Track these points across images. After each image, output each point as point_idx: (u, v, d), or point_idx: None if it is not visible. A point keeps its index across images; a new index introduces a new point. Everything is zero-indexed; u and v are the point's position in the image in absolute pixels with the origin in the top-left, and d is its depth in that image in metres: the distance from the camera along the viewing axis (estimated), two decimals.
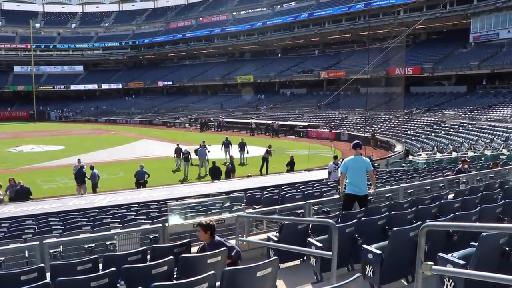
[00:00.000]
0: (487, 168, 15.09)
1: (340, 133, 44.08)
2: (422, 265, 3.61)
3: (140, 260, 5.48)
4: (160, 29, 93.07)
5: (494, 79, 46.31)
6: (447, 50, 52.06)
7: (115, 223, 9.72)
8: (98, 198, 16.32)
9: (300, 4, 73.24)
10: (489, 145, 27.51)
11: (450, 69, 48.59)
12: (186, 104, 75.58)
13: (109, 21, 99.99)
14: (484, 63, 44.77)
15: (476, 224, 5.19)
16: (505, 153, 21.67)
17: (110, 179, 23.69)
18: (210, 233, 5.38)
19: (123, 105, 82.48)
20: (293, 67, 68.97)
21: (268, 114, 60.43)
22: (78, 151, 31.99)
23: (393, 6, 55.31)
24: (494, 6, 46.33)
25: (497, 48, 46.29)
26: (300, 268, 6.48)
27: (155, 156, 32.19)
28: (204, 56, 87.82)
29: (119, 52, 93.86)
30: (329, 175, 17.62)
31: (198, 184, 20.06)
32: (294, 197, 11.43)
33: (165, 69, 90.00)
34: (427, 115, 43.32)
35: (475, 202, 7.50)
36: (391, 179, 14.68)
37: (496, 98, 42.13)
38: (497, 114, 36.83)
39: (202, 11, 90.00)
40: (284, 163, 24.09)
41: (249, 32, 76.59)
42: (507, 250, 4.38)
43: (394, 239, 5.07)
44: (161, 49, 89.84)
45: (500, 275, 3.49)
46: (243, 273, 3.88)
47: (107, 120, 73.69)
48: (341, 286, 2.96)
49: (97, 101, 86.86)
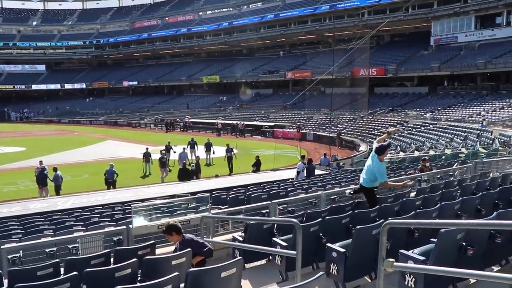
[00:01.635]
0: (447, 166, 15.50)
1: (306, 133, 44.51)
2: (384, 262, 3.67)
3: (103, 263, 5.39)
4: (125, 29, 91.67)
5: (454, 81, 47.74)
6: (410, 52, 53.28)
7: (78, 226, 9.52)
8: (61, 200, 15.92)
9: (267, 5, 73.49)
10: (449, 144, 28.32)
11: (413, 71, 49.77)
12: (151, 104, 74.82)
13: (73, 19, 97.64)
14: (444, 65, 46.06)
15: (434, 221, 5.34)
16: (463, 152, 22.36)
17: (74, 181, 23.26)
18: (176, 233, 5.36)
19: (87, 106, 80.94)
20: (259, 68, 69.16)
21: (234, 114, 60.42)
22: (40, 153, 31.14)
23: (357, 8, 56.25)
24: (453, 10, 47.85)
25: (456, 50, 47.74)
26: (265, 267, 6.50)
27: (120, 157, 31.71)
28: (170, 56, 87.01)
29: (83, 51, 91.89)
30: (297, 175, 17.73)
31: (163, 185, 19.86)
32: (260, 197, 11.45)
33: (130, 69, 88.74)
34: (390, 115, 44.23)
35: (435, 200, 7.67)
36: (355, 178, 14.89)
37: (455, 99, 43.45)
38: (456, 114, 38.00)
39: (168, 10, 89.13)
40: (251, 163, 24.12)
41: (215, 32, 76.34)
42: (464, 245, 4.51)
43: (357, 238, 5.15)
44: (126, 49, 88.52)
45: (457, 269, 3.60)
46: (208, 274, 3.87)
47: (70, 121, 72.26)
48: (304, 285, 2.98)
49: (60, 101, 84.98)
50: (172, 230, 5.37)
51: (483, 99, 40.27)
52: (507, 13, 44.21)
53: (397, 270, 4.04)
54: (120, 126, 64.62)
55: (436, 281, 4.28)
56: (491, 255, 5.09)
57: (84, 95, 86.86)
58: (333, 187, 12.47)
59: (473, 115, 36.00)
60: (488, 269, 5.17)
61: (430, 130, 34.75)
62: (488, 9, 45.28)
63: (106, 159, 28.89)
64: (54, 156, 31.39)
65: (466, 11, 46.92)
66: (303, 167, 17.82)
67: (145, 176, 25.08)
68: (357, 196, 8.55)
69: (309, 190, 12.04)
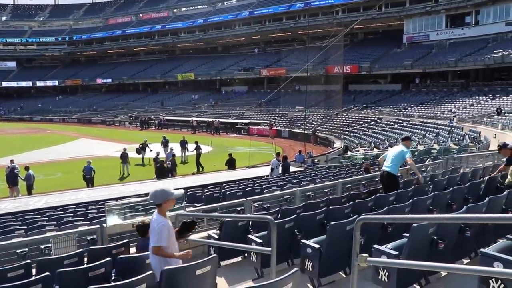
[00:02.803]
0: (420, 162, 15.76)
1: (281, 130, 44.65)
2: (358, 258, 3.72)
3: (76, 263, 5.32)
4: (99, 25, 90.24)
5: (426, 78, 48.67)
6: (383, 50, 53.97)
7: (51, 225, 9.36)
8: (33, 200, 15.65)
9: (241, 2, 73.33)
10: (422, 140, 28.80)
11: (386, 68, 50.47)
12: (126, 102, 73.93)
13: (44, 15, 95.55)
14: (417, 62, 46.85)
15: (406, 216, 5.43)
16: (436, 148, 22.78)
17: (46, 180, 22.79)
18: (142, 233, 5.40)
19: (60, 103, 79.50)
20: (234, 65, 69.06)
21: (209, 112, 60.22)
22: (11, 151, 30.43)
23: (332, 6, 56.72)
24: (424, 9, 48.86)
25: (428, 49, 48.64)
26: (241, 265, 6.51)
27: (94, 156, 31.17)
28: (144, 53, 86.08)
29: (55, 48, 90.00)
30: (271, 172, 17.79)
31: (138, 183, 19.67)
32: (235, 194, 11.46)
33: (104, 66, 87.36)
34: (364, 112, 44.72)
35: (408, 195, 7.80)
36: (330, 174, 15.05)
37: (427, 96, 44.25)
38: (428, 111, 38.69)
39: (142, 7, 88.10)
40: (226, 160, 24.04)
41: (190, 30, 75.91)
42: (435, 239, 4.61)
43: (331, 233, 5.20)
44: (100, 46, 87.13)
45: (429, 263, 3.67)
46: (182, 272, 3.86)
47: (43, 119, 70.84)
48: (279, 281, 3.00)
49: (32, 99, 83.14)
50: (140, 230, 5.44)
51: (454, 96, 41.13)
52: (476, 13, 45.41)
53: (371, 265, 4.10)
54: (94, 124, 63.74)
55: (408, 275, 4.37)
56: (461, 248, 5.21)
57: (57, 93, 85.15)
58: (308, 183, 12.55)
59: (444, 112, 36.71)
60: (459, 262, 5.29)
61: (403, 126, 35.27)
62: (457, 8, 46.33)
63: (79, 157, 28.51)
64: (26, 155, 30.75)
65: (437, 10, 47.94)
66: (277, 163, 17.90)
67: (123, 177, 24.18)
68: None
69: (284, 187, 12.10)
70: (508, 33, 42.31)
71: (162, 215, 4.21)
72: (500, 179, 8.09)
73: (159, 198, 4.17)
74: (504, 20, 42.45)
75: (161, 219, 4.17)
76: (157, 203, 4.20)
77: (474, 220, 4.76)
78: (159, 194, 4.18)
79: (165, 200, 4.18)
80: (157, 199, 4.17)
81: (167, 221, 4.20)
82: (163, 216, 4.21)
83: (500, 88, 38.97)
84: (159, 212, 4.22)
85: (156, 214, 4.23)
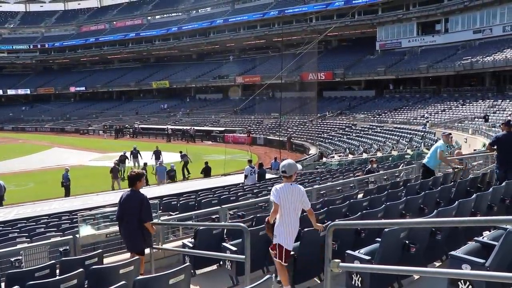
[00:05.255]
0: (394, 167, 16.00)
1: (256, 138, 44.72)
2: (330, 263, 3.75)
3: (48, 275, 5.21)
4: (72, 33, 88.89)
5: (399, 84, 49.55)
6: (357, 57, 54.73)
7: (22, 237, 9.14)
8: (4, 211, 15.25)
9: (216, 10, 73.41)
10: (396, 146, 29.23)
11: (360, 75, 51.18)
12: (100, 110, 73.06)
13: (15, 22, 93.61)
14: (390, 69, 47.66)
15: (377, 221, 5.51)
16: (409, 153, 23.15)
17: (18, 190, 22.27)
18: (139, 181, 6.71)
19: (32, 112, 77.94)
20: (209, 72, 69.04)
21: (184, 119, 59.97)
22: None
23: (305, 14, 57.31)
24: (396, 17, 49.88)
25: (400, 55, 49.58)
26: (216, 273, 6.48)
27: (68, 165, 30.67)
28: (118, 61, 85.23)
29: (27, 55, 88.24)
30: (245, 179, 17.80)
31: (112, 192, 19.40)
32: (211, 202, 11.41)
33: (77, 74, 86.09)
34: (339, 119, 45.20)
35: (381, 200, 7.89)
36: (305, 181, 15.13)
37: (400, 101, 45.02)
38: (402, 116, 39.35)
39: (116, 14, 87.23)
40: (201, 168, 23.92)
41: (164, 37, 75.49)
42: (407, 243, 4.68)
43: (305, 240, 5.23)
44: (73, 53, 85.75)
45: (401, 267, 3.74)
46: (156, 281, 3.83)
47: (14, 128, 69.40)
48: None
49: (3, 108, 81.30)
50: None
51: (426, 102, 41.94)
52: (445, 20, 46.64)
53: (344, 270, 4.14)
54: (67, 133, 62.71)
55: (381, 279, 4.42)
56: (432, 251, 5.30)
57: (29, 101, 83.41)
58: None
59: (417, 117, 37.37)
60: (431, 265, 5.38)
61: (378, 132, 35.75)
62: (428, 16, 47.44)
63: (52, 167, 27.98)
64: None
65: (409, 18, 49.00)
66: (250, 170, 17.91)
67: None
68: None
69: (259, 194, 12.10)
70: (476, 41, 43.48)
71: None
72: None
73: (293, 170, 5.01)
74: (472, 28, 43.65)
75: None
76: (289, 175, 4.97)
77: (444, 224, 4.86)
78: (293, 166, 5.06)
79: (295, 172, 5.07)
80: (291, 170, 4.98)
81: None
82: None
83: (469, 94, 39.96)
84: (287, 181, 5.00)
85: (285, 184, 4.99)
